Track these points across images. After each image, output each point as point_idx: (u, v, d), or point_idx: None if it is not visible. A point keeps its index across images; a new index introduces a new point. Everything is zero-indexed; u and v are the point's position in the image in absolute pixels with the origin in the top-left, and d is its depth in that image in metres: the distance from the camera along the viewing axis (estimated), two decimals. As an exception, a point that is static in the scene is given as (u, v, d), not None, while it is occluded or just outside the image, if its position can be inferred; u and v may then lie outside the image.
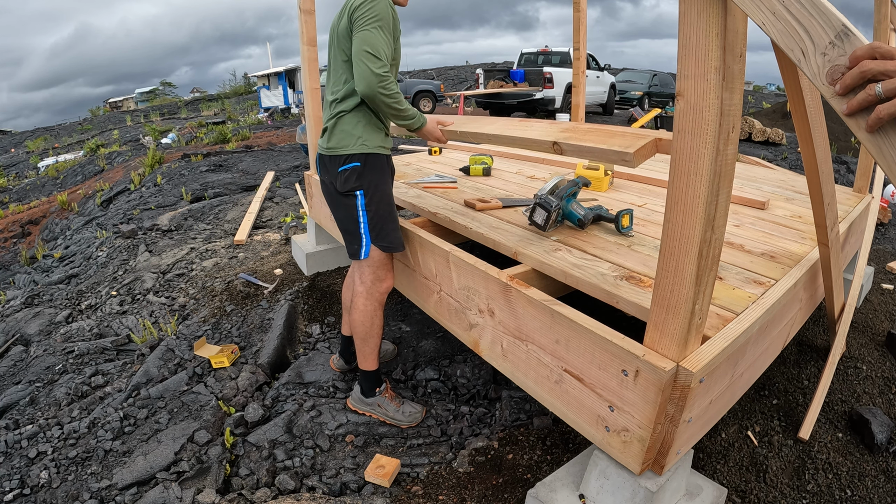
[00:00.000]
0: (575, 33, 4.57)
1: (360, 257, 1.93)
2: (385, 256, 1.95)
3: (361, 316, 1.98)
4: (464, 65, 36.81)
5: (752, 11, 0.79)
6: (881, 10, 2.34)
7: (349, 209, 1.89)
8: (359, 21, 1.67)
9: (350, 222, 1.91)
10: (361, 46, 1.66)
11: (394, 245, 1.94)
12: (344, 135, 1.82)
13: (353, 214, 1.89)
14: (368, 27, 1.66)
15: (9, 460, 1.87)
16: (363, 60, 1.66)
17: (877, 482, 1.68)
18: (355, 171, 1.83)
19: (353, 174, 1.83)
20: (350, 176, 1.83)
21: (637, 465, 1.24)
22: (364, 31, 1.67)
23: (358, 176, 1.83)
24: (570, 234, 1.90)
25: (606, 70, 12.17)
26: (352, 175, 1.83)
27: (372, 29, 1.67)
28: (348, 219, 1.91)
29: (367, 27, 1.66)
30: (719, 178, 0.98)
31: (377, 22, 1.68)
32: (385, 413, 2.05)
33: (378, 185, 1.87)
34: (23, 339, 2.90)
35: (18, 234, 6.98)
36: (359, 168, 1.83)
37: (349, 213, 1.89)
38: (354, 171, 1.83)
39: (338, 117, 1.83)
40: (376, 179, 1.87)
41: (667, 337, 1.14)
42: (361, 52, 1.66)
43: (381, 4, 1.70)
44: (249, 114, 18.14)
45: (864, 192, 2.73)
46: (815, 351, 2.36)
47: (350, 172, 1.83)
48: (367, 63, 1.65)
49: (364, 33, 1.66)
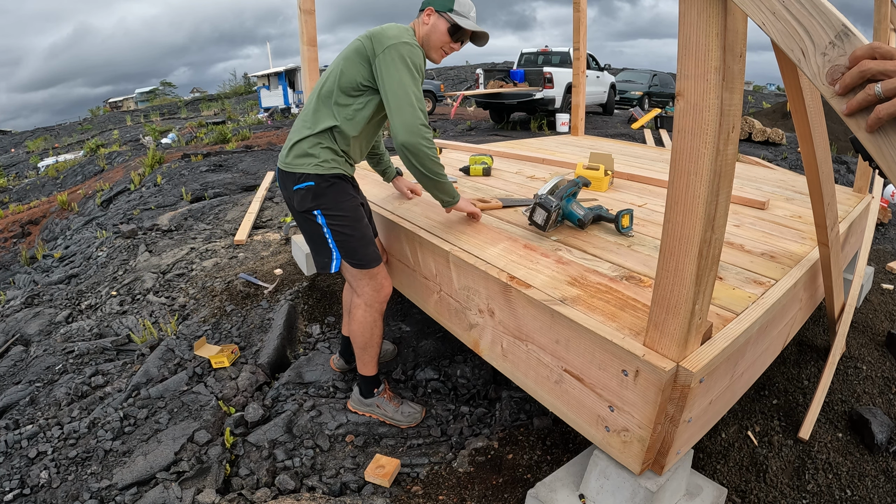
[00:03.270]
0: (575, 33, 4.58)
1: (331, 270, 1.85)
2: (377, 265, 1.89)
3: (361, 326, 1.94)
4: (464, 65, 36.81)
5: (752, 11, 0.79)
6: (881, 10, 2.34)
7: (312, 226, 1.81)
8: (400, 60, 1.59)
9: (316, 238, 1.83)
10: (406, 90, 1.58)
11: (364, 262, 1.84)
12: (301, 152, 1.73)
13: (317, 231, 1.81)
14: (406, 72, 1.59)
15: (9, 460, 1.87)
16: (406, 105, 1.57)
17: (877, 482, 1.68)
18: (310, 190, 1.73)
19: (308, 193, 1.74)
20: (305, 195, 1.74)
21: (637, 465, 1.24)
22: (404, 75, 1.59)
23: (314, 196, 1.74)
24: (570, 234, 1.90)
25: (606, 70, 12.16)
26: (307, 194, 1.74)
27: (413, 74, 1.60)
28: (314, 234, 1.83)
29: (405, 71, 1.59)
30: (719, 178, 0.98)
31: (416, 71, 1.62)
32: (384, 413, 2.05)
33: (339, 203, 1.77)
34: (23, 339, 2.90)
35: (18, 234, 6.98)
36: (313, 188, 1.73)
37: (313, 229, 1.82)
38: (309, 190, 1.73)
39: (304, 137, 1.74)
40: (335, 197, 1.76)
41: (667, 337, 1.14)
42: (407, 95, 1.57)
43: (418, 52, 1.65)
44: (249, 114, 18.13)
45: (864, 192, 2.73)
46: (815, 351, 2.36)
47: (305, 192, 1.74)
48: (410, 109, 1.57)
49: (404, 76, 1.58)
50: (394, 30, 1.67)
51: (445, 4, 1.76)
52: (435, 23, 1.76)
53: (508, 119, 11.03)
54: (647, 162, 3.44)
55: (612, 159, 2.76)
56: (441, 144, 4.09)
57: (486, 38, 1.84)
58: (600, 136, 7.36)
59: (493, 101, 10.11)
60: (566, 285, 1.49)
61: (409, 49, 1.62)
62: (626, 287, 1.48)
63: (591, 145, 4.33)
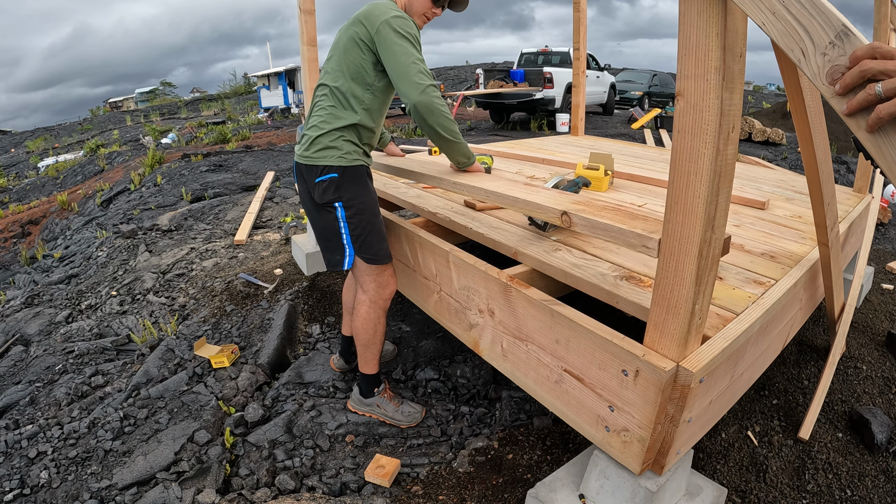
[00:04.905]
0: (575, 33, 4.58)
1: (343, 267, 1.86)
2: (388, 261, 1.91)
3: (364, 324, 1.95)
4: (464, 65, 36.83)
5: (752, 11, 0.79)
6: (881, 10, 2.34)
7: (329, 220, 1.82)
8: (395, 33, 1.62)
9: (331, 233, 1.84)
10: (409, 58, 1.61)
11: (378, 258, 1.87)
12: (322, 146, 1.75)
13: (334, 226, 1.82)
14: (405, 42, 1.62)
15: (9, 460, 1.87)
16: (412, 70, 1.60)
17: (877, 482, 1.68)
18: (333, 182, 1.75)
19: (330, 185, 1.75)
20: (328, 187, 1.76)
21: (637, 465, 1.24)
22: (402, 45, 1.61)
23: (336, 188, 1.76)
24: (570, 234, 1.90)
25: (606, 70, 12.16)
26: (329, 186, 1.76)
27: (411, 42, 1.63)
28: (329, 229, 1.84)
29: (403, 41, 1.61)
30: (719, 178, 0.98)
31: (412, 39, 1.64)
32: (384, 413, 2.05)
33: (359, 196, 1.80)
34: (23, 339, 2.90)
35: (18, 234, 6.98)
36: (336, 179, 1.75)
37: (329, 224, 1.83)
38: (332, 182, 1.75)
39: (326, 131, 1.75)
40: (356, 190, 1.79)
41: (667, 337, 1.14)
42: (411, 62, 1.60)
43: (408, 21, 1.67)
44: (249, 114, 18.14)
45: (864, 192, 2.73)
46: (815, 351, 2.36)
47: (328, 184, 1.75)
48: (417, 73, 1.60)
49: (403, 46, 1.61)
50: (379, 7, 1.69)
51: None
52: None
53: (508, 119, 11.03)
54: (647, 162, 3.44)
55: (612, 159, 2.75)
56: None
57: (465, 3, 1.87)
58: (600, 136, 7.36)
59: (493, 101, 10.11)
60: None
61: (400, 21, 1.65)
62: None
63: (591, 145, 4.33)
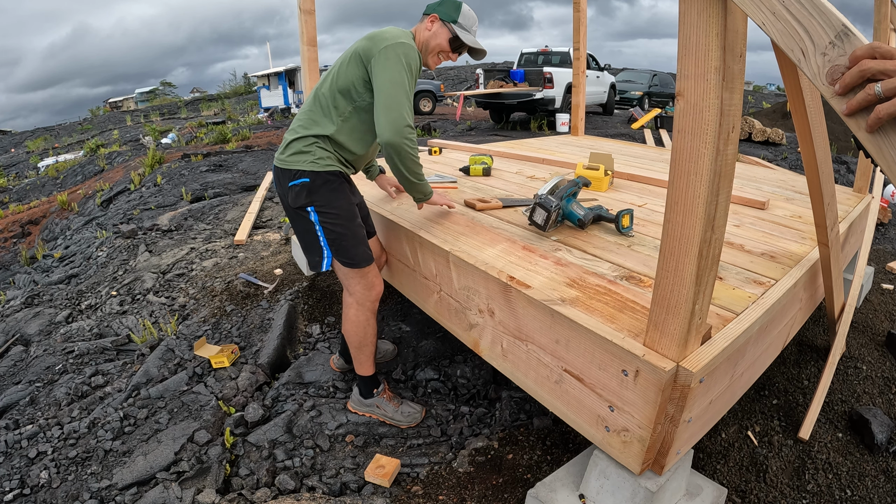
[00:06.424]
0: (575, 33, 4.58)
1: (322, 269, 1.86)
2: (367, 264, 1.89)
3: (354, 326, 1.94)
4: (464, 65, 36.79)
5: (752, 11, 0.79)
6: (881, 10, 2.34)
7: (304, 224, 1.82)
8: (396, 57, 1.61)
9: (309, 235, 1.84)
10: (399, 89, 1.60)
11: (355, 261, 1.85)
12: (296, 150, 1.75)
13: (309, 228, 1.82)
14: (401, 71, 1.61)
15: (9, 460, 1.87)
16: (395, 104, 1.60)
17: (877, 482, 1.68)
18: (305, 186, 1.75)
19: (302, 190, 1.75)
20: (300, 192, 1.75)
21: (637, 465, 1.24)
22: (397, 73, 1.60)
23: (308, 192, 1.75)
24: (570, 234, 1.90)
25: (606, 70, 12.16)
26: (301, 191, 1.75)
27: (407, 73, 1.62)
28: (306, 232, 1.84)
29: (399, 69, 1.61)
30: (719, 178, 0.98)
31: (410, 71, 1.64)
32: (384, 413, 2.05)
33: (332, 202, 1.78)
34: (23, 339, 2.90)
35: (18, 234, 6.98)
36: (308, 184, 1.74)
37: (306, 227, 1.83)
38: (304, 186, 1.75)
39: (300, 136, 1.76)
40: (329, 196, 1.77)
41: (667, 337, 1.14)
42: (400, 94, 1.60)
43: (414, 54, 1.66)
44: (249, 114, 18.14)
45: (864, 192, 2.73)
46: (815, 351, 2.36)
47: (300, 188, 1.75)
48: (398, 109, 1.60)
49: (397, 75, 1.60)
50: (393, 31, 1.70)
51: (451, 15, 1.79)
52: (437, 31, 1.80)
53: (508, 119, 11.03)
54: (647, 162, 3.44)
55: (612, 159, 2.76)
56: (441, 144, 4.09)
57: (483, 54, 1.92)
58: (600, 136, 7.36)
59: (493, 101, 10.11)
60: (564, 287, 1.49)
61: (406, 49, 1.64)
62: (625, 289, 1.48)
63: (591, 145, 4.33)
